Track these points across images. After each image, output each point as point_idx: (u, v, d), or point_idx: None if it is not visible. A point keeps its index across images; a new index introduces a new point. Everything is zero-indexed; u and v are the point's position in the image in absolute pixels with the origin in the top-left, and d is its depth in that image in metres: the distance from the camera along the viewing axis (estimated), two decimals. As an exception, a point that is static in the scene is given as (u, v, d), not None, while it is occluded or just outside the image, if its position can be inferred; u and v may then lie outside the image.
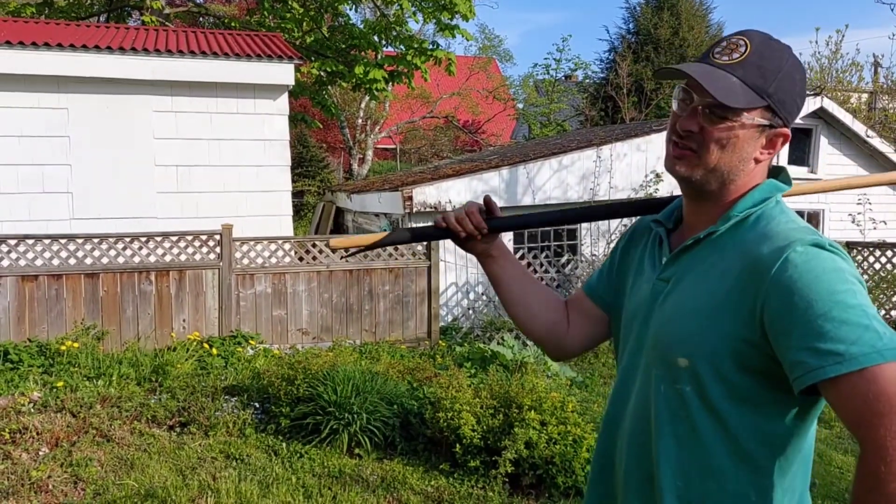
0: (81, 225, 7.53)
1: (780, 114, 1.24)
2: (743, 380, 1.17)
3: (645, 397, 1.30)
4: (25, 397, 5.21)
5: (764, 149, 1.26)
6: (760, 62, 1.22)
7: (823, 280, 1.08)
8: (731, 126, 1.22)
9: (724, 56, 1.25)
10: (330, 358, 5.38)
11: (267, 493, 4.09)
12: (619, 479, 1.37)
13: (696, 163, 1.26)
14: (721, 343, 1.18)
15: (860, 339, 1.03)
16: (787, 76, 1.23)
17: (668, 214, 1.43)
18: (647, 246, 1.44)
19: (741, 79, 1.22)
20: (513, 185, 8.64)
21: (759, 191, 1.26)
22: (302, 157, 19.40)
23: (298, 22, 13.41)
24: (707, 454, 1.21)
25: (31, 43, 7.37)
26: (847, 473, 4.71)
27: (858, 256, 8.69)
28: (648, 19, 19.76)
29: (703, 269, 1.25)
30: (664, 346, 1.26)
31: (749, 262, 1.17)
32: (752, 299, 1.14)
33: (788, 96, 1.24)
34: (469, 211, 1.53)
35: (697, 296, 1.23)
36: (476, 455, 4.33)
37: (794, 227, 1.19)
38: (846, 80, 15.84)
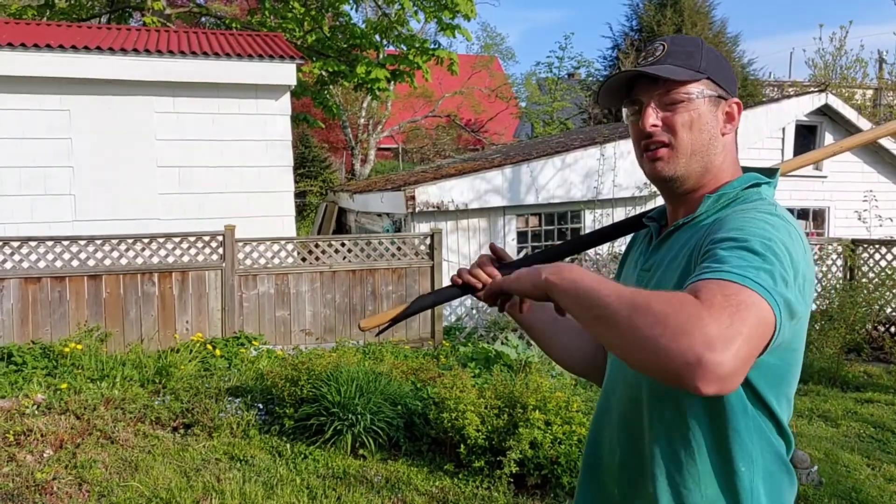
0: (84, 227, 7.52)
1: (722, 85, 1.30)
2: None
3: (630, 388, 1.32)
4: (29, 399, 5.20)
5: (725, 123, 1.30)
6: (681, 49, 1.30)
7: (752, 226, 1.09)
8: (687, 105, 1.27)
9: (648, 59, 1.32)
10: (333, 358, 5.36)
11: (271, 494, 4.08)
12: (612, 471, 1.38)
13: (674, 155, 1.28)
14: None
15: (744, 268, 1.00)
16: (710, 54, 1.30)
17: (661, 212, 1.45)
18: (643, 244, 1.48)
19: (672, 64, 1.28)
20: (516, 184, 8.62)
21: (738, 179, 1.30)
22: (304, 157, 19.40)
23: (299, 22, 13.41)
24: (694, 436, 1.21)
25: (33, 45, 7.37)
26: (854, 472, 4.68)
27: (864, 254, 8.64)
28: (651, 16, 19.70)
29: (678, 250, 1.27)
30: None
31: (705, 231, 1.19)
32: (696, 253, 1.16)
33: (720, 70, 1.30)
34: (480, 262, 1.53)
35: (671, 277, 1.24)
36: (481, 455, 4.31)
37: (759, 205, 1.20)
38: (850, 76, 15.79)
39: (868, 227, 9.40)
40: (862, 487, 4.41)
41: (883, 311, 8.16)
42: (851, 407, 6.17)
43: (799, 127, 10.18)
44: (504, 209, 8.69)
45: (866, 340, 7.91)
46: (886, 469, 4.77)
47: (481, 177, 8.50)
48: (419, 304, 1.61)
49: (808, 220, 10.62)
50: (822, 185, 10.41)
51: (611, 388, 1.40)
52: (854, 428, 5.64)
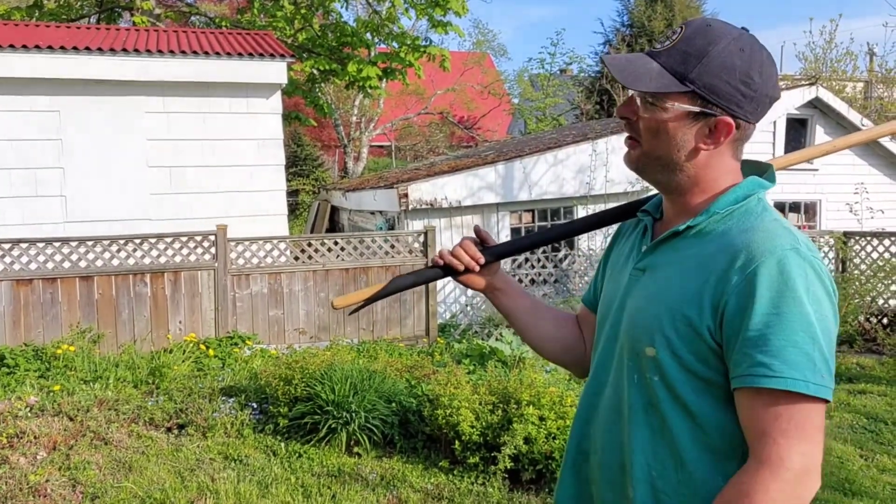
0: (75, 228, 7.49)
1: (712, 100, 1.20)
2: (706, 371, 1.18)
3: (619, 386, 1.31)
4: (22, 401, 5.18)
5: (706, 139, 1.22)
6: (686, 47, 1.20)
7: (793, 295, 1.09)
8: (658, 113, 1.22)
9: (658, 44, 1.25)
10: (327, 357, 5.36)
11: (266, 493, 4.07)
12: (592, 467, 1.38)
13: (637, 152, 1.28)
14: (686, 333, 1.18)
15: (797, 364, 1.07)
16: (718, 61, 1.19)
17: (656, 205, 1.41)
18: (632, 236, 1.45)
19: (663, 64, 1.22)
20: (509, 180, 8.62)
21: (742, 187, 1.25)
22: (296, 155, 19.36)
23: (290, 20, 13.37)
24: (676, 444, 1.20)
25: (22, 46, 7.32)
26: (847, 463, 4.70)
27: (856, 246, 8.68)
28: (642, 12, 19.75)
29: (681, 261, 1.24)
30: (634, 336, 1.26)
31: (726, 258, 1.16)
32: (721, 295, 1.14)
33: (721, 82, 1.19)
34: (463, 244, 1.54)
35: (670, 287, 1.23)
36: (475, 451, 4.32)
37: (777, 227, 1.17)
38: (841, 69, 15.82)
39: (859, 219, 9.44)
40: (855, 478, 4.44)
41: (875, 303, 8.20)
42: (844, 398, 6.20)
43: (790, 120, 10.21)
44: (497, 206, 8.69)
45: (859, 332, 7.95)
46: (879, 460, 4.79)
47: (474, 174, 8.49)
48: (396, 284, 1.59)
49: (800, 212, 10.66)
50: (814, 178, 10.45)
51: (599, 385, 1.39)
52: (847, 419, 5.66)
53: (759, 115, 1.25)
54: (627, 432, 1.27)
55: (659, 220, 1.38)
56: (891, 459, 4.80)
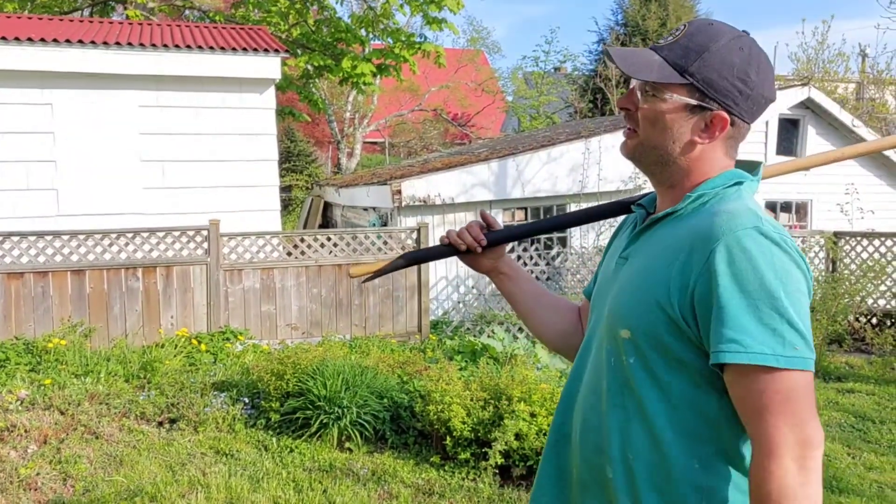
0: (67, 222, 7.46)
1: (710, 94, 1.24)
2: (679, 351, 1.21)
3: (598, 370, 1.34)
4: (13, 395, 5.17)
5: (702, 132, 1.27)
6: (688, 43, 1.25)
7: (754, 270, 1.12)
8: (658, 104, 1.26)
9: (662, 39, 1.31)
10: (320, 353, 5.37)
11: (257, 487, 4.08)
12: (572, 449, 1.40)
13: (635, 140, 1.32)
14: (657, 315, 1.21)
15: (764, 339, 1.10)
16: (717, 57, 1.23)
17: (651, 200, 1.46)
18: (629, 229, 1.49)
19: (664, 57, 1.26)
20: (502, 177, 8.63)
21: (720, 177, 1.29)
22: (289, 151, 19.32)
23: (284, 15, 13.34)
24: (652, 425, 1.23)
25: (14, 38, 7.28)
26: (835, 461, 4.75)
27: (846, 246, 8.73)
28: (636, 11, 19.78)
29: (655, 245, 1.29)
30: (612, 320, 1.31)
31: (693, 239, 1.20)
32: (689, 275, 1.18)
33: (719, 77, 1.23)
34: (468, 226, 1.62)
35: (643, 271, 1.27)
36: (466, 447, 4.34)
37: (742, 208, 1.21)
38: (833, 70, 15.91)
39: (850, 219, 9.49)
40: (843, 476, 4.48)
41: (864, 303, 8.26)
42: (833, 397, 6.25)
43: (782, 120, 10.26)
44: (490, 203, 8.71)
45: (848, 332, 8.00)
46: (867, 458, 4.84)
47: (468, 171, 8.50)
48: (409, 258, 1.70)
49: (791, 212, 10.72)
50: (805, 178, 10.50)
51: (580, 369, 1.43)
52: (835, 417, 5.71)
53: (754, 114, 1.29)
54: (605, 414, 1.30)
55: (651, 214, 1.41)
56: (877, 457, 4.84)
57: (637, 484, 1.25)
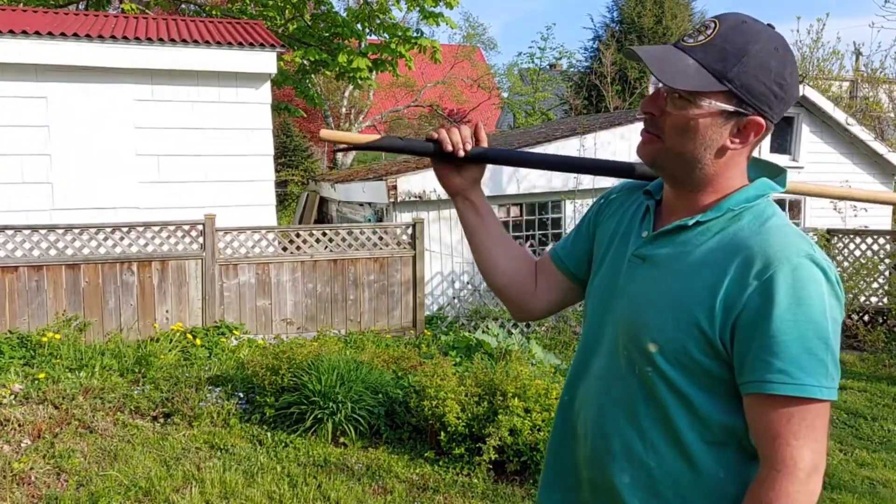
0: (62, 215, 7.44)
1: (747, 100, 1.19)
2: (709, 367, 1.19)
3: (613, 376, 1.31)
4: (7, 389, 5.16)
5: (734, 138, 1.22)
6: (724, 44, 1.18)
7: (807, 302, 1.11)
8: (690, 110, 1.19)
9: (690, 38, 1.22)
10: (314, 348, 5.37)
11: (252, 482, 4.09)
12: (581, 451, 1.38)
13: (657, 146, 1.25)
14: (694, 335, 1.19)
15: (813, 371, 1.11)
16: (756, 60, 1.17)
17: (658, 187, 1.39)
18: (630, 215, 1.42)
19: (699, 61, 1.19)
20: (497, 173, 8.64)
21: (754, 188, 1.25)
22: (285, 146, 19.28)
23: (280, 10, 13.30)
24: (678, 435, 1.22)
25: (9, 31, 7.25)
26: (827, 457, 4.77)
27: (839, 243, 8.78)
28: (632, 8, 19.77)
29: (687, 257, 1.24)
30: (636, 329, 1.26)
31: (739, 262, 1.16)
32: (736, 298, 1.15)
33: (757, 82, 1.18)
34: (459, 126, 1.54)
35: (677, 284, 1.22)
36: (461, 442, 4.35)
37: (791, 232, 1.19)
38: (827, 68, 15.94)
39: (843, 217, 9.55)
40: (834, 472, 4.51)
41: (857, 300, 8.30)
42: (825, 394, 6.28)
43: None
44: (487, 198, 8.70)
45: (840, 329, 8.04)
46: (858, 454, 4.87)
47: (463, 167, 8.49)
48: (388, 142, 1.61)
49: (784, 209, 10.76)
50: (799, 176, 10.54)
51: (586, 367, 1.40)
52: (827, 414, 5.74)
53: (782, 114, 1.26)
54: (623, 421, 1.28)
55: (659, 205, 1.37)
56: (869, 454, 4.88)
57: (658, 491, 1.25)
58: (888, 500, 4.16)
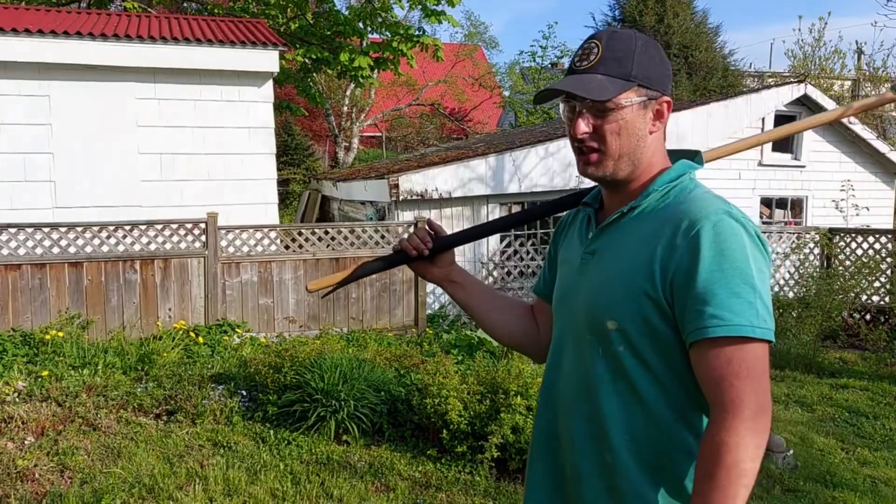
0: (64, 214, 7.46)
1: (652, 87, 1.38)
2: (666, 332, 1.30)
3: (583, 363, 1.41)
4: (10, 387, 5.17)
5: (654, 122, 1.40)
6: (613, 55, 1.38)
7: (729, 252, 1.24)
8: (616, 113, 1.37)
9: (583, 62, 1.40)
10: (317, 346, 5.38)
11: (255, 479, 4.10)
12: (564, 444, 1.47)
13: (603, 160, 1.40)
14: (642, 302, 1.31)
15: (742, 312, 1.21)
16: (642, 54, 1.38)
17: (595, 196, 1.55)
18: (577, 228, 1.57)
19: (604, 74, 1.37)
20: (499, 172, 8.65)
21: (675, 169, 1.41)
22: (287, 145, 19.29)
23: (282, 8, 13.30)
24: (647, 407, 1.33)
25: (11, 29, 7.26)
26: (829, 455, 4.79)
27: (841, 242, 8.77)
28: (634, 6, 19.75)
29: (626, 239, 1.38)
30: (595, 313, 1.38)
31: (668, 229, 1.30)
32: (668, 260, 1.28)
33: (652, 70, 1.39)
34: (416, 231, 1.73)
35: (621, 263, 1.36)
36: (463, 440, 4.36)
37: (709, 198, 1.33)
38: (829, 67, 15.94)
39: (845, 216, 9.54)
40: (836, 471, 4.52)
41: (858, 299, 8.30)
42: (827, 392, 6.30)
43: (778, 117, 10.28)
44: (487, 198, 8.72)
45: (842, 327, 8.04)
46: (860, 453, 4.88)
47: (465, 165, 8.51)
48: (364, 270, 1.76)
49: (787, 209, 10.75)
50: (801, 175, 10.54)
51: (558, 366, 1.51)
52: (829, 413, 5.75)
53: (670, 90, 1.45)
54: (599, 403, 1.37)
55: (600, 210, 1.52)
56: (871, 453, 4.88)
57: (640, 463, 1.33)
58: (890, 498, 4.17)
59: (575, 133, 1.39)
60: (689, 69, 19.15)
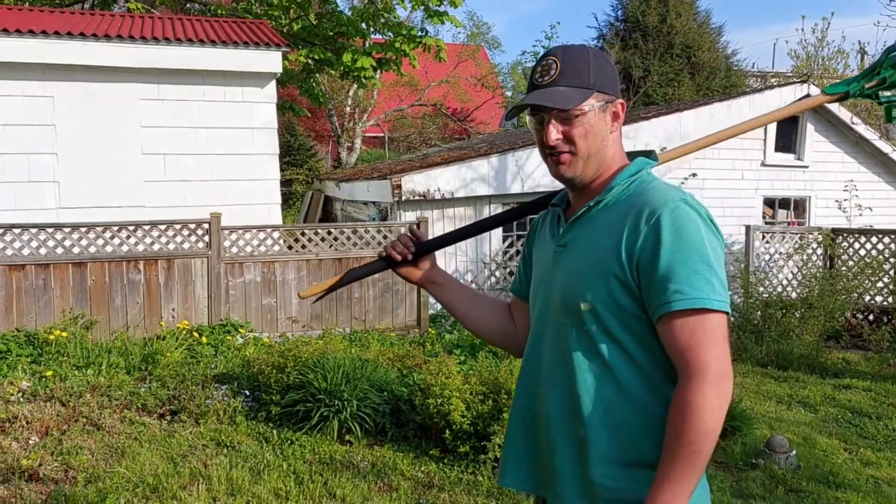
0: (68, 214, 7.48)
1: (608, 91, 1.54)
2: (634, 309, 1.44)
3: (559, 345, 1.53)
4: (14, 387, 5.19)
5: (612, 123, 1.56)
6: (571, 67, 1.53)
7: (686, 235, 1.38)
8: (581, 118, 1.51)
9: (545, 77, 1.55)
10: (320, 346, 5.39)
11: (258, 479, 4.11)
12: (540, 420, 1.58)
13: (574, 160, 1.54)
14: (611, 284, 1.44)
15: (701, 287, 1.36)
16: (596, 65, 1.55)
17: (562, 197, 1.69)
18: (547, 226, 1.71)
19: (567, 85, 1.52)
20: (502, 172, 8.66)
21: (634, 165, 1.56)
22: (290, 145, 19.31)
23: (285, 9, 13.31)
24: (619, 383, 1.45)
25: (15, 30, 7.29)
26: (831, 456, 4.78)
27: (844, 243, 8.77)
28: (636, 7, 19.74)
29: (594, 228, 1.52)
30: (569, 296, 1.51)
31: (632, 217, 1.44)
32: (632, 246, 1.42)
33: (605, 77, 1.55)
34: (399, 237, 1.85)
35: (591, 250, 1.50)
36: (466, 440, 4.37)
37: (667, 188, 1.48)
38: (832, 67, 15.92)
39: (848, 216, 9.54)
40: (839, 471, 4.51)
41: (861, 300, 8.30)
42: (830, 393, 6.29)
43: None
44: (490, 198, 8.73)
45: (845, 328, 8.04)
46: (863, 453, 4.88)
47: (467, 165, 8.52)
48: (351, 276, 1.89)
49: (790, 209, 10.74)
50: (804, 175, 10.53)
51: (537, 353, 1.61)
52: (832, 413, 5.75)
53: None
54: (574, 381, 1.49)
55: (567, 210, 1.66)
56: (874, 453, 4.88)
57: (611, 435, 1.45)
58: (893, 498, 4.17)
59: (547, 141, 1.53)
60: (692, 69, 19.14)
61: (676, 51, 19.03)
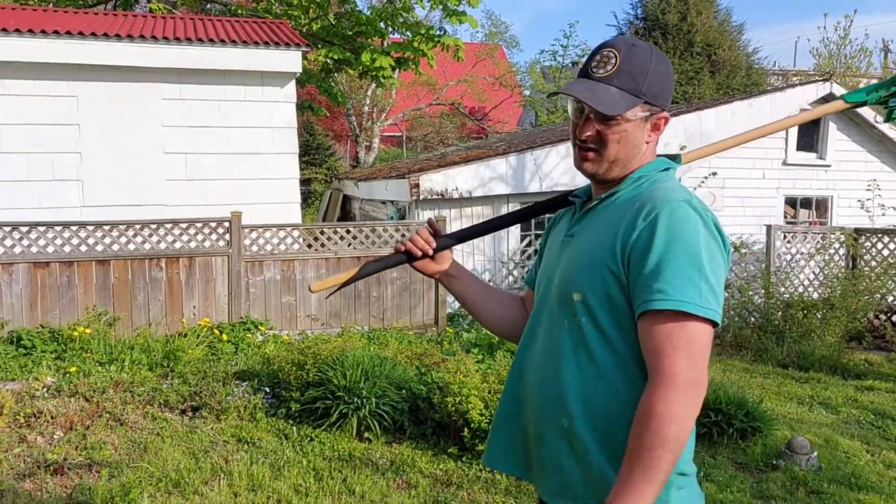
0: (91, 212, 7.58)
1: (656, 103, 1.50)
2: (624, 304, 1.42)
3: (551, 335, 1.54)
4: (39, 382, 5.28)
5: (651, 133, 1.53)
6: (630, 68, 1.48)
7: (682, 236, 1.35)
8: (620, 125, 1.48)
9: (599, 69, 1.50)
10: (339, 343, 5.43)
11: (278, 475, 4.15)
12: (527, 410, 1.58)
13: (599, 160, 1.52)
14: (604, 276, 1.43)
15: (686, 291, 1.32)
16: (655, 73, 1.49)
17: (585, 191, 1.68)
18: (566, 218, 1.71)
19: (618, 87, 1.48)
20: (520, 171, 8.65)
21: (653, 163, 1.54)
22: (309, 145, 19.42)
23: (305, 9, 13.39)
24: (603, 375, 1.44)
25: (40, 31, 7.40)
26: (854, 458, 4.74)
27: (867, 243, 8.67)
28: (656, 5, 19.61)
29: (599, 221, 1.52)
30: (563, 287, 1.51)
31: (633, 212, 1.43)
32: (627, 240, 1.40)
33: (659, 88, 1.50)
34: (418, 231, 1.83)
35: (591, 242, 1.49)
36: (484, 439, 4.37)
37: (675, 187, 1.46)
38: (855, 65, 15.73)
39: (871, 216, 9.41)
40: (861, 473, 4.47)
41: (884, 300, 8.20)
42: (852, 394, 6.23)
43: (803, 116, 10.16)
44: (508, 197, 8.73)
45: (867, 329, 7.95)
46: (886, 455, 4.82)
47: (485, 164, 8.52)
48: (367, 270, 1.85)
49: (812, 209, 10.63)
50: (826, 174, 10.42)
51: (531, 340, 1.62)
52: (854, 415, 5.69)
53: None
54: (561, 372, 1.49)
55: (587, 202, 1.64)
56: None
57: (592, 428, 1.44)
58: (916, 501, 4.12)
59: (580, 134, 1.51)
60: (713, 67, 18.99)
61: (697, 49, 18.89)
